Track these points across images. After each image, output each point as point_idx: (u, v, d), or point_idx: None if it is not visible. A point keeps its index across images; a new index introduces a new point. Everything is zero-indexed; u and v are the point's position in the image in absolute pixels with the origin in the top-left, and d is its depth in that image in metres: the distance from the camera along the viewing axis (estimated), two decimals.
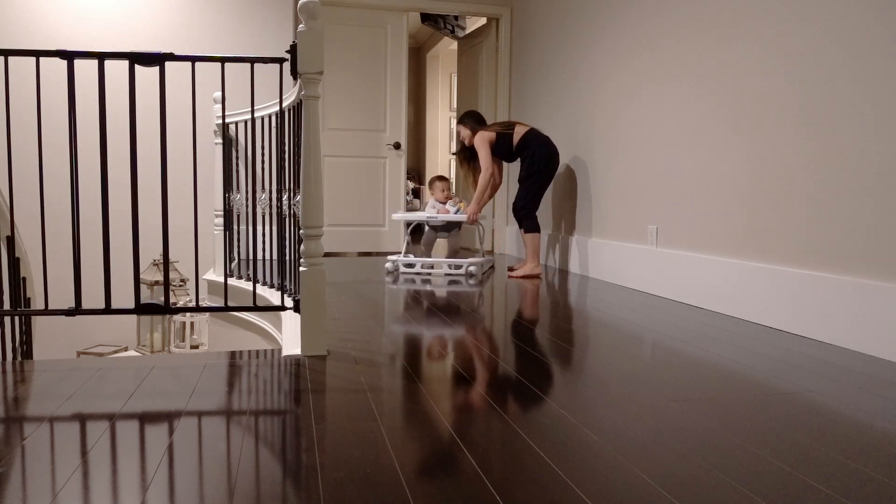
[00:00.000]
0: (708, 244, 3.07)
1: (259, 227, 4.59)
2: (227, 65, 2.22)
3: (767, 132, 2.70)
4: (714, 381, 1.88)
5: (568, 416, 1.57)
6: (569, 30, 4.52)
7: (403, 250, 4.46)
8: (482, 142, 4.23)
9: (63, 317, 2.20)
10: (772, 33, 2.67)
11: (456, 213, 4.40)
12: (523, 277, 4.02)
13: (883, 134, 2.19)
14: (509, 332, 2.53)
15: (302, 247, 2.15)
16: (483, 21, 6.14)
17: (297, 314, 2.36)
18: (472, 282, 3.89)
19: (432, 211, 4.46)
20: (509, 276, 4.05)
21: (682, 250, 3.26)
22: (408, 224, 4.77)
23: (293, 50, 2.13)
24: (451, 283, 3.86)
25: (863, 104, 2.27)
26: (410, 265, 4.29)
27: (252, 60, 2.22)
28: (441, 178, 4.64)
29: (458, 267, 4.26)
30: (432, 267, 4.40)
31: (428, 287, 3.69)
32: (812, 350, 2.28)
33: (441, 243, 5.19)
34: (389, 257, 4.29)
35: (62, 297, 4.31)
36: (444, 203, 4.50)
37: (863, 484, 1.23)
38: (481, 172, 4.20)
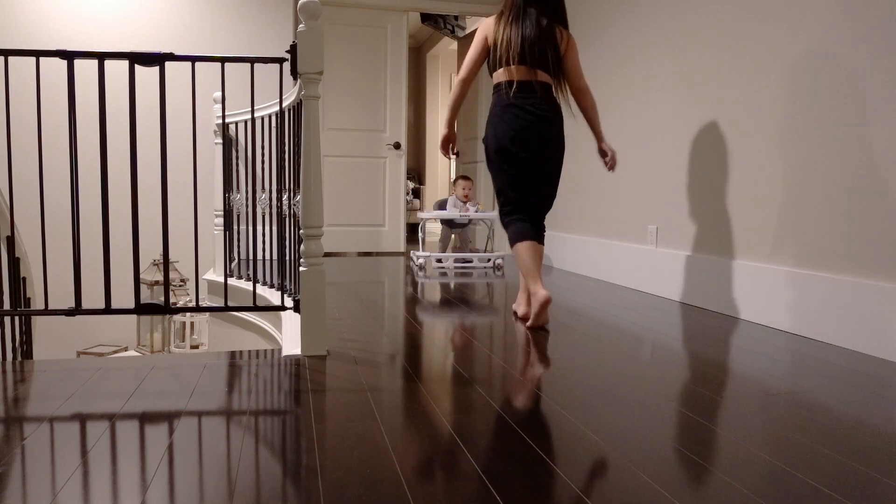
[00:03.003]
0: (708, 244, 3.07)
1: (259, 227, 4.59)
2: (227, 65, 2.22)
3: (766, 134, 2.70)
4: (714, 381, 1.88)
5: (568, 416, 1.57)
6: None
7: (422, 247, 4.62)
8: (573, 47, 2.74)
9: (63, 317, 2.20)
10: (769, 39, 2.67)
11: (476, 212, 4.69)
12: (522, 320, 2.76)
13: (881, 134, 2.19)
14: (508, 331, 2.53)
15: (302, 247, 2.15)
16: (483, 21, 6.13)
17: (297, 314, 2.36)
18: (498, 273, 4.28)
19: (455, 210, 4.71)
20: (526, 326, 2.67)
21: (682, 250, 3.26)
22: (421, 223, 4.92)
23: (293, 50, 2.13)
24: (463, 275, 3.87)
25: (860, 106, 2.27)
26: (440, 260, 4.73)
27: (252, 60, 2.22)
28: (465, 178, 4.80)
29: (487, 260, 4.61)
30: (465, 261, 4.77)
31: (445, 280, 3.70)
32: (812, 350, 2.28)
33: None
34: (417, 253, 4.54)
35: (62, 297, 4.31)
36: (465, 202, 4.68)
37: (863, 483, 1.23)
38: (587, 92, 2.76)
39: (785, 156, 2.61)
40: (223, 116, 2.47)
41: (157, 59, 2.13)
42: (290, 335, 2.38)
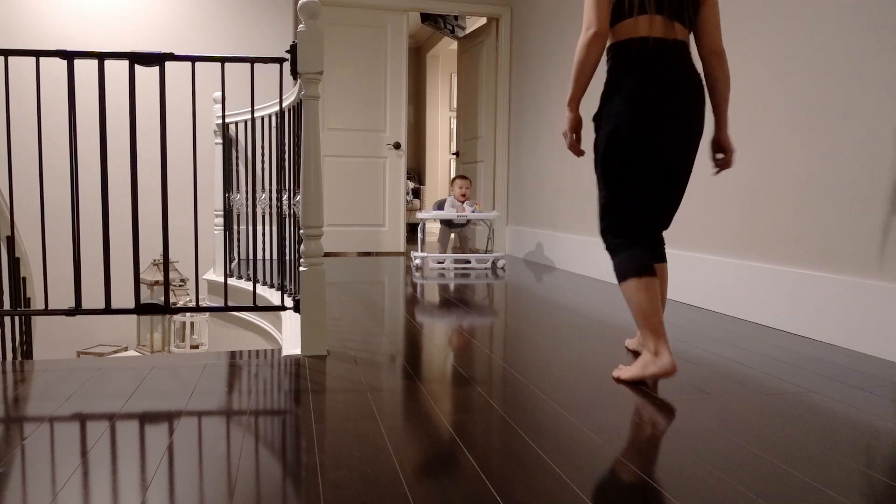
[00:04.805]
0: (708, 244, 3.07)
1: (259, 227, 4.59)
2: (227, 65, 2.22)
3: (766, 134, 2.70)
4: (714, 381, 1.88)
5: (568, 416, 1.57)
6: (568, 30, 4.52)
7: (421, 247, 4.63)
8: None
9: (63, 317, 2.20)
10: (770, 39, 2.67)
11: (473, 212, 4.68)
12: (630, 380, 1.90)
13: (880, 135, 2.19)
14: (509, 331, 2.53)
15: (302, 247, 2.15)
16: (483, 21, 6.14)
17: (297, 314, 2.36)
18: (501, 274, 4.28)
19: (452, 210, 4.71)
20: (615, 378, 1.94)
21: (683, 250, 3.26)
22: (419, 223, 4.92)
23: (293, 50, 2.13)
24: (462, 275, 3.87)
25: (859, 108, 2.27)
26: (441, 261, 4.72)
27: (252, 60, 2.22)
28: (463, 177, 4.80)
29: (485, 261, 4.64)
30: (464, 261, 4.78)
31: (443, 280, 3.70)
32: (812, 350, 2.28)
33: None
34: (415, 253, 4.55)
35: (62, 297, 4.31)
36: (462, 202, 4.69)
37: (862, 483, 1.23)
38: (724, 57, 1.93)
39: (785, 156, 2.61)
40: (223, 116, 2.47)
41: (156, 59, 2.13)
42: (290, 335, 2.38)
